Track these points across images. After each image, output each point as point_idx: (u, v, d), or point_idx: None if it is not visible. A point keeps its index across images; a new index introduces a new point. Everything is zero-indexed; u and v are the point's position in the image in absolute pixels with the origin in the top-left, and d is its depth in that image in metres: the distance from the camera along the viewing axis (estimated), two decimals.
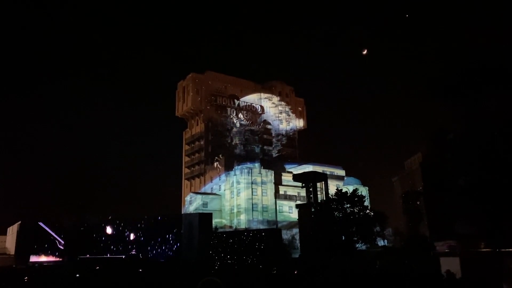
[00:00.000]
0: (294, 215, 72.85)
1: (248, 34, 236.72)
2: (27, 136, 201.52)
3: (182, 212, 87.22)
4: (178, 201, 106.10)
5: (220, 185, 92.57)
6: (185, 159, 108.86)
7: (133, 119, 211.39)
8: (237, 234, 47.54)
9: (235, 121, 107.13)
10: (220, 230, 67.57)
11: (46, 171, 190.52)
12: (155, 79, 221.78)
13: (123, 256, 54.30)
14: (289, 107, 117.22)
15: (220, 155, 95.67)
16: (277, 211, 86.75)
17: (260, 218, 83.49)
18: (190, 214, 59.65)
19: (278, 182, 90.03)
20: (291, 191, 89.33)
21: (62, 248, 57.90)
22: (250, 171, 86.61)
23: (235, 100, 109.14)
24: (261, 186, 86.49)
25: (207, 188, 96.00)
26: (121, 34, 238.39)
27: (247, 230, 61.55)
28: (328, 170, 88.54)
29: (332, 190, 52.92)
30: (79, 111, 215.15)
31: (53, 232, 58.44)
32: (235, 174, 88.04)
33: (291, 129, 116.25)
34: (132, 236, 59.51)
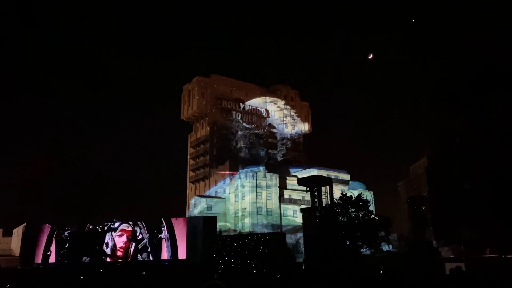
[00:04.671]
0: (299, 219, 72.67)
1: (253, 38, 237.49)
2: (33, 138, 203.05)
3: (187, 215, 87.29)
4: (183, 204, 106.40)
5: (224, 189, 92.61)
6: (190, 162, 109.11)
7: (139, 122, 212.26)
8: (241, 238, 47.29)
9: (240, 125, 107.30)
10: (224, 233, 67.45)
11: (51, 174, 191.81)
12: (161, 82, 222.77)
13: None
14: (294, 110, 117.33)
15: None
16: (282, 215, 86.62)
17: (264, 222, 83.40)
18: (195, 218, 59.56)
19: (282, 186, 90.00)
20: (295, 195, 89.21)
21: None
22: (255, 174, 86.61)
23: (240, 104, 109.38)
24: (266, 190, 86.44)
25: (211, 191, 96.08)
26: (127, 38, 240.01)
27: (251, 233, 61.36)
28: (333, 174, 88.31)
29: (337, 194, 52.63)
30: (85, 114, 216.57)
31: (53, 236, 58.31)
32: (239, 178, 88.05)
33: (296, 133, 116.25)
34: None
